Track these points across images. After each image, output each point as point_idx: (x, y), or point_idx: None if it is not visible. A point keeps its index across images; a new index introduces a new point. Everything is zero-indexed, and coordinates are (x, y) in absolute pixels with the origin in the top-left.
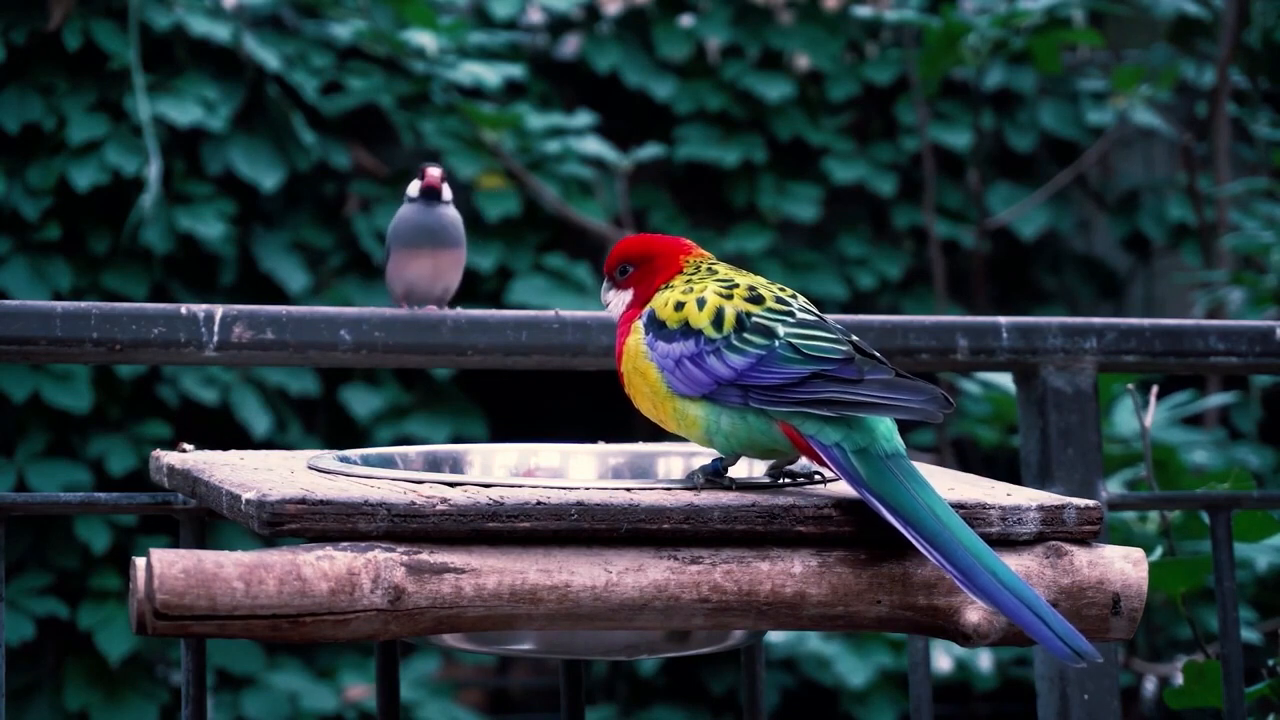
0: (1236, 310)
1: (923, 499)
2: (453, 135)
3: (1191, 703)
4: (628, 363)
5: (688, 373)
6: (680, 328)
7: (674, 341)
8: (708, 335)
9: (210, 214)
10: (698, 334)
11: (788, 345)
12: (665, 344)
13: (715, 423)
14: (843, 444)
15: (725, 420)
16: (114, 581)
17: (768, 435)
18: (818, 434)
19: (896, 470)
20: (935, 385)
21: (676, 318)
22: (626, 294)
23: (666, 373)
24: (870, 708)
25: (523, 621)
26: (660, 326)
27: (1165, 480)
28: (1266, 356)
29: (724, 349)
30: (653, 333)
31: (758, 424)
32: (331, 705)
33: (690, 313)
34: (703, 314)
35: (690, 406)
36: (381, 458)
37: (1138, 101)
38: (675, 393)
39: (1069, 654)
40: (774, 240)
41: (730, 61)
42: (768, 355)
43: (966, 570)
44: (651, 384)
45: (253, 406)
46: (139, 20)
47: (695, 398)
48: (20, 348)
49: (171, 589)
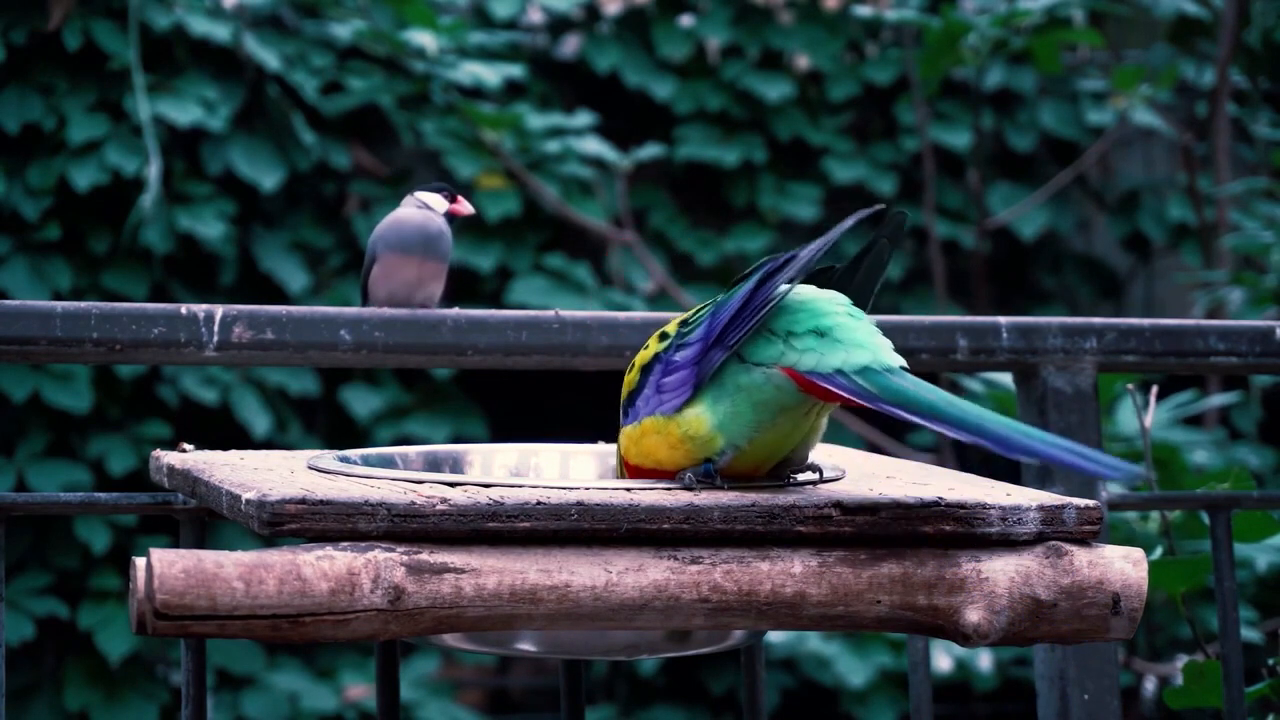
0: (1236, 310)
1: (936, 395)
2: (453, 135)
3: (1191, 703)
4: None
5: (668, 385)
6: (640, 374)
7: (644, 387)
8: (660, 350)
9: (210, 214)
10: (655, 358)
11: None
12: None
13: (715, 410)
14: (843, 369)
15: (724, 403)
16: (114, 581)
17: (768, 388)
18: (817, 365)
19: (901, 380)
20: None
21: (633, 376)
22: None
23: (655, 409)
24: (870, 708)
25: (523, 621)
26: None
27: (1166, 480)
28: (1266, 356)
29: (680, 341)
30: (628, 411)
31: (755, 382)
32: (331, 705)
33: (640, 358)
34: (649, 348)
35: (687, 411)
36: (381, 458)
37: (1138, 101)
38: (670, 413)
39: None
40: (774, 240)
41: (730, 61)
42: (717, 307)
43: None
44: (653, 428)
45: (253, 406)
46: (139, 20)
47: (687, 401)
48: (20, 348)
49: (171, 589)
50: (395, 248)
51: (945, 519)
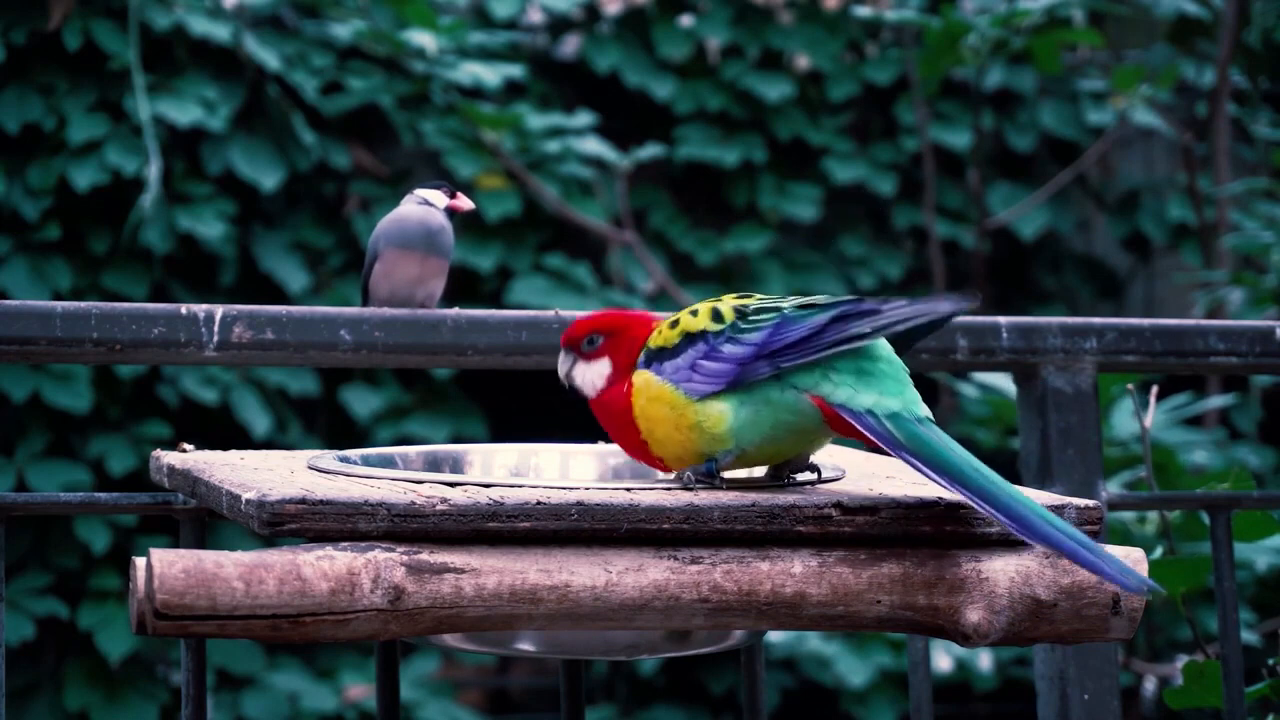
0: (1236, 310)
1: (961, 456)
2: (453, 135)
3: (1191, 703)
4: (640, 400)
5: (705, 370)
6: (682, 339)
7: (680, 354)
8: (712, 330)
9: (210, 214)
10: (702, 334)
11: (797, 308)
12: (673, 360)
13: (738, 413)
14: (874, 409)
15: (749, 408)
16: (114, 581)
17: (796, 411)
18: (849, 401)
19: (929, 432)
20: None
21: (674, 334)
22: (601, 363)
23: (682, 383)
24: (870, 708)
25: (523, 621)
26: (660, 352)
27: (1165, 481)
28: (1266, 356)
29: (734, 334)
30: (655, 362)
31: (785, 400)
32: (331, 705)
33: (686, 323)
34: (699, 318)
35: (712, 405)
36: (381, 458)
37: (1138, 101)
38: (694, 396)
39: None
40: (774, 240)
41: (730, 61)
42: (782, 321)
43: (1020, 518)
44: (669, 401)
45: (253, 406)
46: (139, 20)
47: (716, 393)
48: (20, 348)
49: (171, 589)
50: (397, 243)
51: (945, 519)
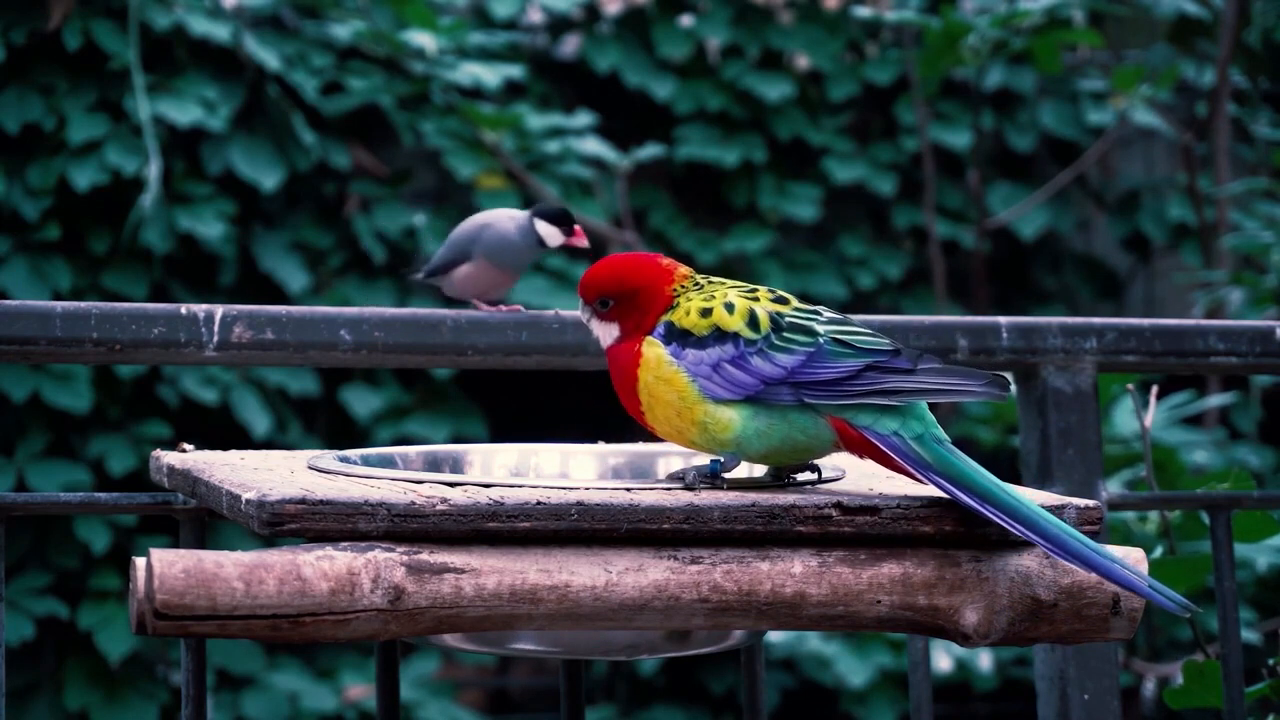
0: (1236, 310)
1: (986, 476)
2: (452, 135)
3: (1191, 703)
4: (646, 374)
5: (729, 376)
6: (712, 333)
7: (707, 347)
8: (746, 337)
9: (210, 214)
10: (734, 337)
11: (833, 340)
12: (696, 350)
13: (749, 424)
14: (900, 432)
15: (761, 420)
16: (114, 581)
17: (810, 432)
18: (874, 424)
19: (953, 453)
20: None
21: (705, 324)
22: (612, 326)
23: (700, 379)
24: (870, 708)
25: (523, 621)
26: (685, 335)
27: (1165, 481)
28: (1266, 356)
29: (767, 349)
30: (676, 343)
31: (802, 421)
32: (331, 705)
33: (720, 317)
34: (734, 317)
35: (723, 410)
36: (381, 458)
37: (1138, 101)
38: (708, 397)
39: (1173, 606)
40: (774, 240)
41: (730, 61)
42: (816, 352)
43: (1054, 539)
44: (679, 390)
45: (253, 406)
46: (139, 20)
47: (732, 401)
48: (20, 348)
49: (171, 589)
50: (494, 260)
51: (945, 519)
